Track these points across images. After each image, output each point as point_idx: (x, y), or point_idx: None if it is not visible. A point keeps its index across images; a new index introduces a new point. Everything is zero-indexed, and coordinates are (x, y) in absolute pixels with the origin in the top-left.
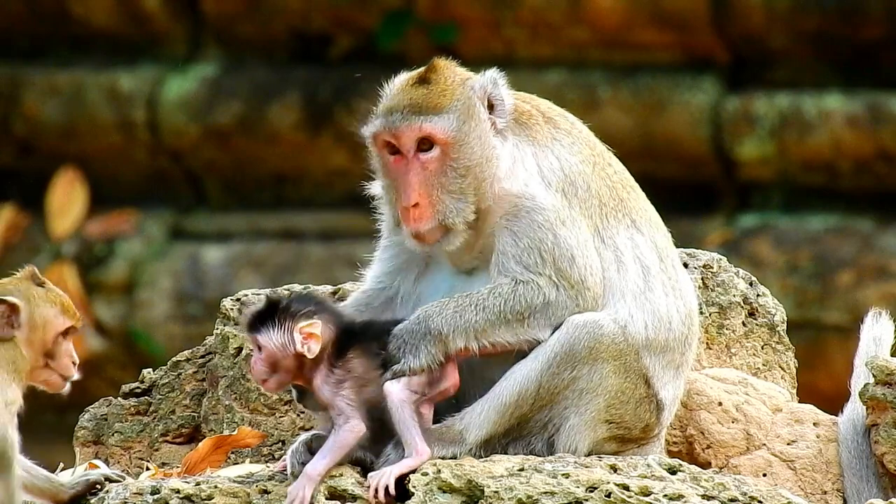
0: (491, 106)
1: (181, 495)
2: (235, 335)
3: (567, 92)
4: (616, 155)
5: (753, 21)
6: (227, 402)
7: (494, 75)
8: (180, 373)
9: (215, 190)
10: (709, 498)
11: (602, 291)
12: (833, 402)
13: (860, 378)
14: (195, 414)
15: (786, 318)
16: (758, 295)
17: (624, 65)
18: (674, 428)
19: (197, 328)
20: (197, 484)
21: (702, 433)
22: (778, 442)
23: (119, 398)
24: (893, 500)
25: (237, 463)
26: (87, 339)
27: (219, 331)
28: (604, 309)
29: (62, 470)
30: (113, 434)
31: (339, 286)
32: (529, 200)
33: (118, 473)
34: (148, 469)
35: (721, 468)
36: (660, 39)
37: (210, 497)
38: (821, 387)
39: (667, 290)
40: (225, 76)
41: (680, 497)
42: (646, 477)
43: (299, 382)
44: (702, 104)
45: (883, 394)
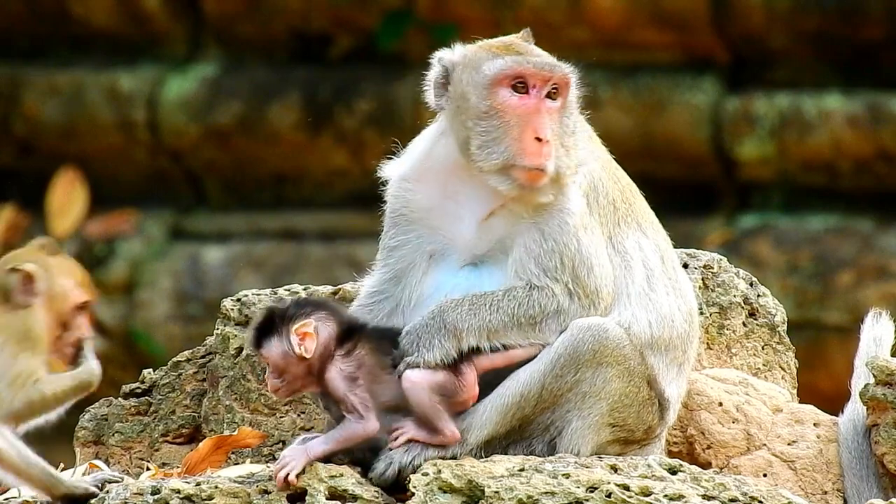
0: None
1: (181, 495)
2: (236, 335)
3: None
4: (614, 156)
5: (753, 21)
6: (228, 403)
7: None
8: (180, 373)
9: (215, 190)
10: (709, 498)
11: (612, 300)
12: (833, 403)
13: (860, 378)
14: (195, 414)
15: (786, 319)
16: (758, 295)
17: (624, 65)
18: (674, 428)
19: (197, 328)
20: (197, 484)
21: (702, 433)
22: (778, 442)
23: (119, 398)
24: (894, 501)
25: (237, 463)
26: None
27: (219, 331)
28: (610, 313)
29: (62, 470)
30: (113, 434)
31: (339, 286)
32: (565, 202)
33: (117, 475)
34: (148, 469)
35: (721, 468)
36: (660, 39)
37: (210, 497)
38: (821, 387)
39: (668, 291)
40: (225, 76)
41: (680, 497)
42: (646, 477)
43: (315, 387)
44: (702, 104)
45: (883, 394)
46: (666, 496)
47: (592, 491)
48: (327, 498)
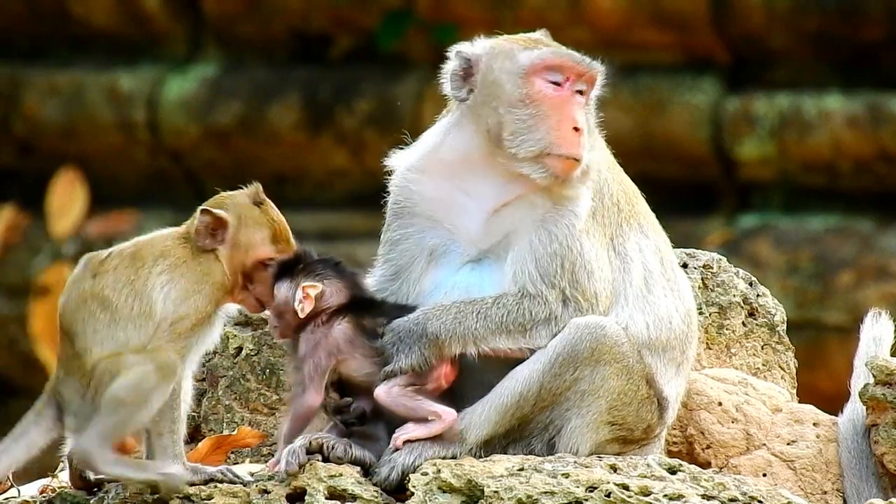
0: None
1: (181, 495)
2: (235, 335)
3: None
4: (615, 156)
5: (753, 21)
6: (227, 402)
7: None
8: None
9: (215, 190)
10: (709, 498)
11: (610, 303)
12: (833, 403)
13: (860, 378)
14: (195, 414)
15: (786, 319)
16: (758, 295)
17: (624, 65)
18: (674, 428)
19: None
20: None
21: (702, 433)
22: (778, 442)
23: None
24: (893, 500)
25: (237, 463)
26: None
27: (219, 331)
28: (607, 316)
29: (62, 470)
30: None
31: None
32: (575, 204)
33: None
34: None
35: (721, 468)
36: (660, 39)
37: (210, 497)
38: (821, 387)
39: (666, 291)
40: (225, 76)
41: (680, 497)
42: (646, 477)
43: (289, 337)
44: (702, 104)
45: (883, 394)
46: (665, 496)
47: (592, 490)
48: (327, 497)
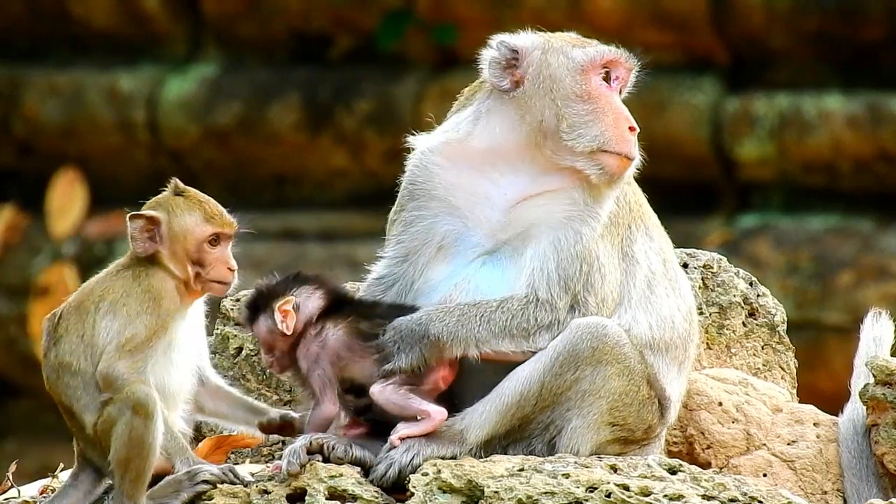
0: None
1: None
2: (235, 335)
3: None
4: None
5: (753, 21)
6: None
7: None
8: None
9: (215, 190)
10: (709, 498)
11: (616, 305)
12: (833, 403)
13: (860, 378)
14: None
15: (786, 319)
16: (758, 295)
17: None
18: (674, 428)
19: None
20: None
21: (702, 433)
22: (778, 442)
23: None
24: (893, 501)
25: (237, 463)
26: None
27: (219, 331)
28: (611, 317)
29: (62, 470)
30: None
31: None
32: (600, 206)
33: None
34: None
35: (721, 468)
36: (660, 39)
37: (210, 497)
38: (821, 387)
39: (668, 291)
40: (225, 76)
41: (680, 497)
42: (646, 477)
43: (289, 366)
44: (702, 104)
45: (883, 394)
46: (666, 496)
47: (592, 491)
48: (327, 498)
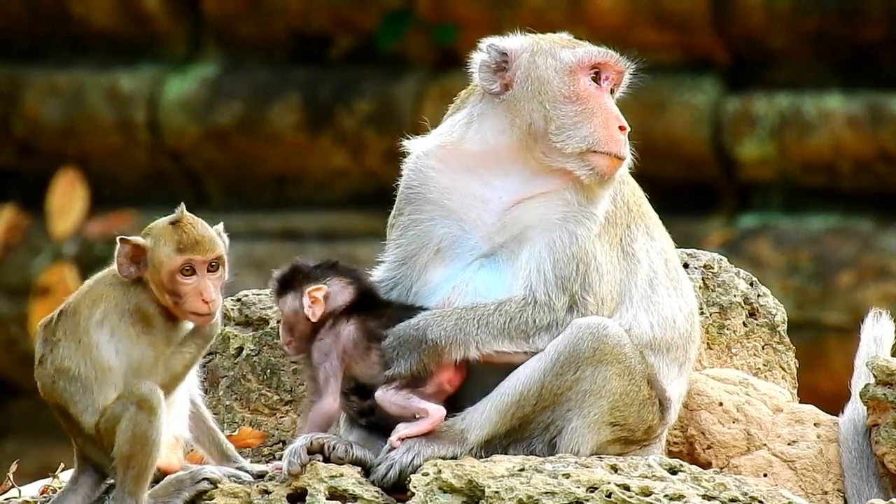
0: None
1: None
2: (236, 335)
3: None
4: None
5: (753, 21)
6: (228, 403)
7: None
8: None
9: (215, 190)
10: (709, 498)
11: (616, 305)
12: (834, 403)
13: (861, 378)
14: None
15: (786, 319)
16: (758, 295)
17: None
18: (674, 428)
19: None
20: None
21: (702, 433)
22: (779, 442)
23: None
24: (894, 501)
25: None
26: None
27: (219, 331)
28: (612, 317)
29: (62, 470)
30: None
31: None
32: (595, 206)
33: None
34: None
35: (722, 468)
36: (660, 39)
37: (210, 497)
38: (821, 387)
39: (670, 291)
40: (225, 76)
41: (681, 497)
42: (646, 477)
43: (304, 351)
44: (702, 104)
45: (883, 394)
46: (666, 496)
47: (592, 491)
48: (327, 498)
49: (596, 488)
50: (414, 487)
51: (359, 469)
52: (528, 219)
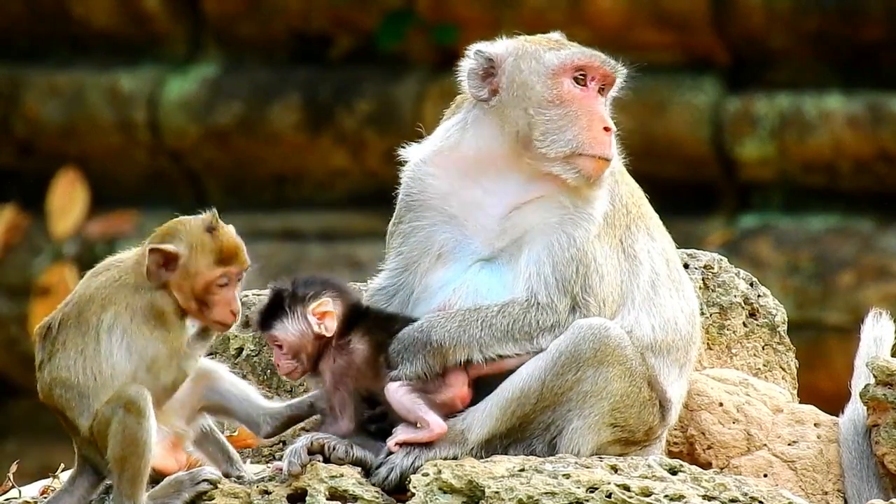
0: None
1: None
2: (236, 336)
3: None
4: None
5: (753, 21)
6: None
7: None
8: None
9: (215, 190)
10: (710, 498)
11: (617, 307)
12: (834, 403)
13: (861, 379)
14: None
15: (786, 319)
16: (758, 295)
17: (624, 65)
18: (675, 428)
19: None
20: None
21: (703, 434)
22: (779, 442)
23: None
24: (894, 501)
25: None
26: None
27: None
28: (613, 318)
29: (63, 470)
30: None
31: None
32: (593, 208)
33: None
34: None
35: (722, 469)
36: (660, 40)
37: (210, 497)
38: (821, 387)
39: (672, 293)
40: (225, 76)
41: (681, 497)
42: (647, 477)
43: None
44: (702, 105)
45: (884, 394)
46: (666, 496)
47: (593, 491)
48: (327, 498)
49: (596, 488)
50: (414, 488)
51: (359, 469)
52: (527, 224)
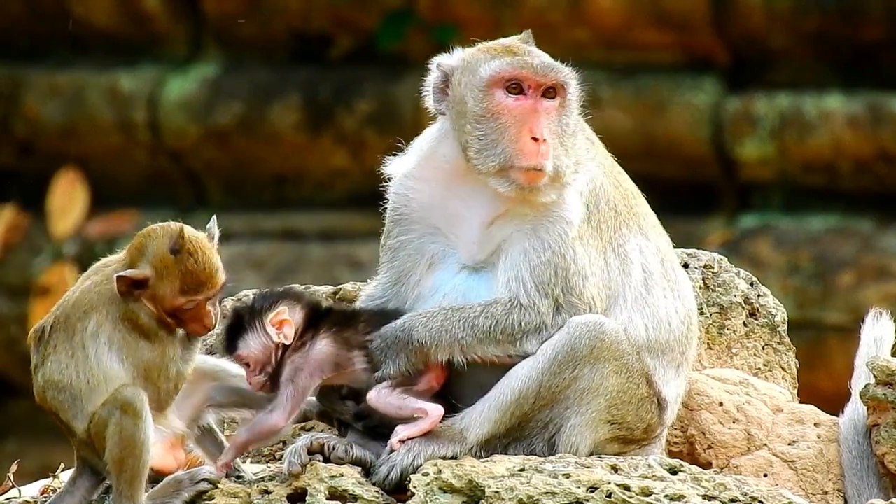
0: None
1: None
2: None
3: None
4: (615, 156)
5: (753, 21)
6: None
7: None
8: None
9: (215, 190)
10: (710, 498)
11: (607, 307)
12: (834, 403)
13: (861, 378)
14: None
15: (786, 319)
16: (759, 295)
17: (624, 65)
18: (675, 428)
19: None
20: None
21: (703, 433)
22: (779, 442)
23: None
24: (894, 501)
25: None
26: None
27: (219, 331)
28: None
29: (63, 470)
30: None
31: (340, 287)
32: (565, 210)
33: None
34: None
35: (722, 468)
36: (660, 40)
37: (210, 497)
38: (821, 387)
39: (666, 293)
40: (225, 76)
41: (681, 497)
42: (647, 477)
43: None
44: (702, 105)
45: (884, 394)
46: (666, 496)
47: (593, 491)
48: (327, 498)
49: (596, 488)
50: (414, 487)
51: (359, 469)
52: (504, 234)
